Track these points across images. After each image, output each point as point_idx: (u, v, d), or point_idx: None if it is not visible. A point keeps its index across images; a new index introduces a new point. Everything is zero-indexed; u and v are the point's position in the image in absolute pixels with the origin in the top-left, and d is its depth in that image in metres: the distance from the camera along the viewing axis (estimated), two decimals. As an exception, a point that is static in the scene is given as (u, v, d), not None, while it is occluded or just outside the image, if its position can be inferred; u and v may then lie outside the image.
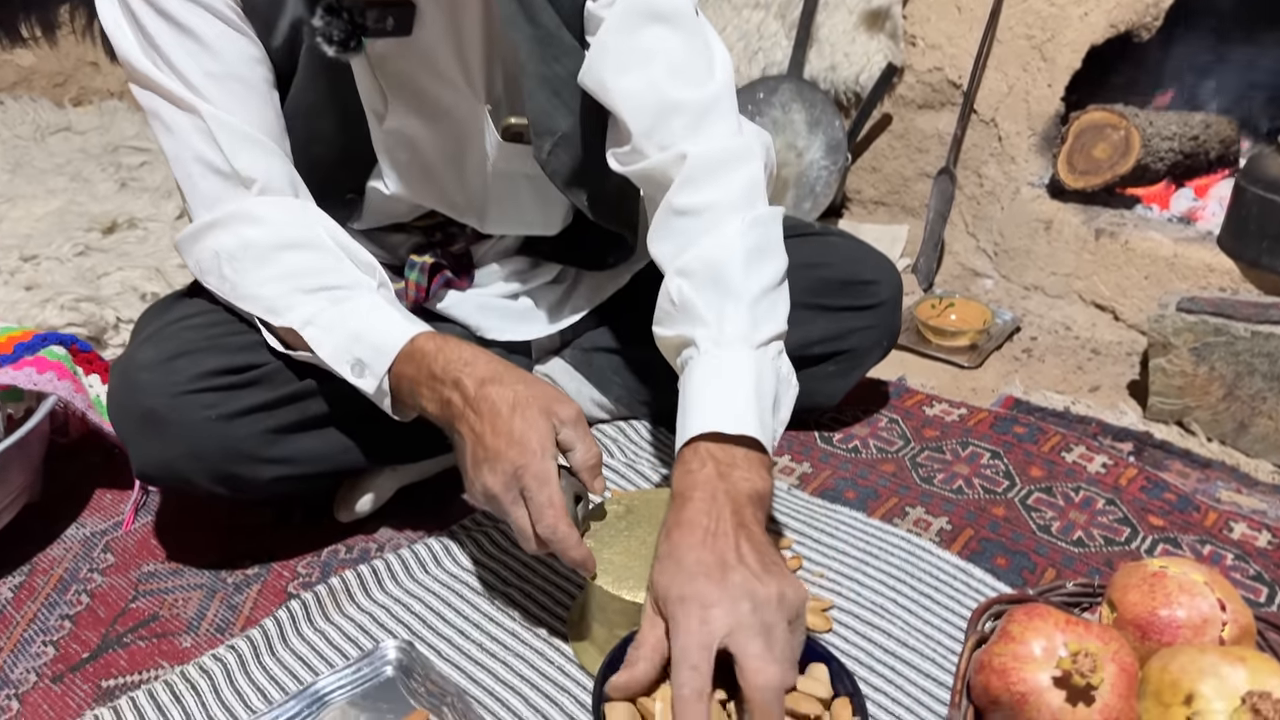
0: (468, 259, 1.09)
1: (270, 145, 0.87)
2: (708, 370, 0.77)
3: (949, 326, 1.45)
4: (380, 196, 0.98)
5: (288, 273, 0.85)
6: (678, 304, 0.81)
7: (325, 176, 0.93)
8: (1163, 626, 0.64)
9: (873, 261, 1.14)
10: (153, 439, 0.86)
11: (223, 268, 0.86)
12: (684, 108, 0.85)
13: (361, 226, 1.03)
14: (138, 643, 0.88)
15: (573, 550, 0.74)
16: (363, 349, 0.82)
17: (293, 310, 0.84)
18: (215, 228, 0.86)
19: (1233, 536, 1.00)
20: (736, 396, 0.75)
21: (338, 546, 0.99)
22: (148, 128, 2.25)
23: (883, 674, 0.81)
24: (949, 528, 1.00)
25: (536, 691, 0.80)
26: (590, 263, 1.12)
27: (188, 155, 0.85)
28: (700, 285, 0.80)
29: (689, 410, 0.76)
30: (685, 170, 0.83)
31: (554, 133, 0.91)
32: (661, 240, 0.86)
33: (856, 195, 1.95)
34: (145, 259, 1.61)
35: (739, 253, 0.80)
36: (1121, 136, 1.55)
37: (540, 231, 1.08)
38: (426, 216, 1.05)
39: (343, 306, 0.83)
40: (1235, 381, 1.19)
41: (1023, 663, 0.57)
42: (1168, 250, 1.46)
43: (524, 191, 1.00)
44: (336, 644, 0.85)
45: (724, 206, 0.82)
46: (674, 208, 0.84)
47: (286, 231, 0.86)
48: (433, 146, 0.95)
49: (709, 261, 0.80)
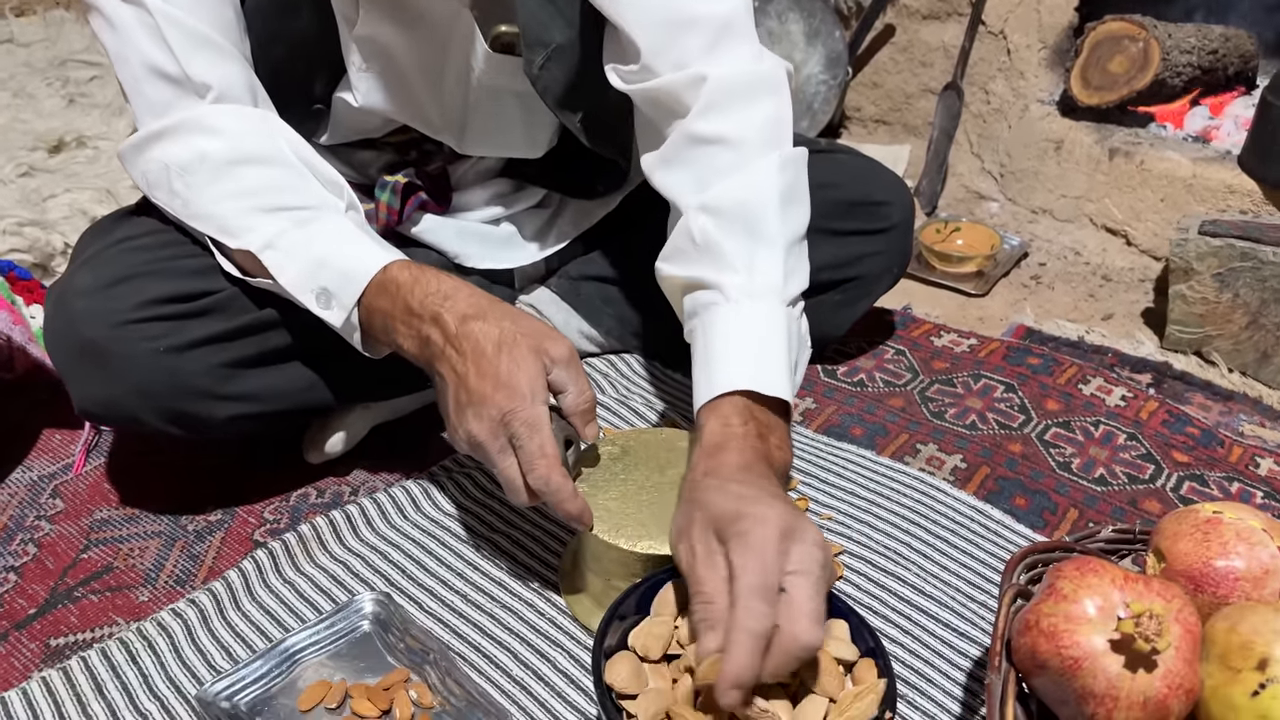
0: (445, 180, 1.00)
1: (227, 47, 0.77)
2: (742, 322, 0.72)
3: (955, 252, 1.38)
4: (348, 109, 0.89)
5: (245, 189, 0.76)
6: (700, 243, 0.75)
7: (289, 84, 0.84)
8: (1219, 578, 0.58)
9: (883, 181, 1.06)
10: (93, 373, 0.78)
11: (173, 182, 0.77)
12: (700, 23, 0.76)
13: (328, 142, 0.94)
14: (90, 597, 0.81)
15: (568, 503, 0.68)
16: (329, 276, 0.73)
17: (251, 231, 0.75)
18: (164, 137, 0.77)
19: (1259, 472, 0.94)
20: (773, 356, 0.71)
21: (308, 490, 0.92)
22: (95, 40, 2.12)
23: (899, 624, 0.76)
24: (963, 466, 0.94)
25: (527, 646, 0.74)
26: (578, 189, 1.04)
27: (133, 56, 0.75)
28: (730, 227, 0.74)
29: (724, 360, 0.71)
30: (705, 94, 0.76)
31: (547, 44, 0.81)
32: (675, 169, 0.79)
33: (856, 113, 1.85)
34: (95, 180, 1.50)
35: (774, 196, 0.75)
36: (1140, 48, 1.46)
37: (523, 154, 0.99)
38: (399, 132, 0.95)
39: (307, 229, 0.75)
40: (1260, 309, 1.12)
41: (1076, 624, 0.51)
42: (1186, 171, 1.38)
43: (509, 109, 0.91)
44: (308, 597, 0.79)
45: (753, 142, 0.76)
46: (693, 135, 0.77)
47: (244, 144, 0.76)
48: (408, 56, 0.86)
49: (741, 201, 0.75)
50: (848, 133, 1.86)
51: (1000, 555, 0.82)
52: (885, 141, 1.81)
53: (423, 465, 0.93)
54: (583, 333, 1.09)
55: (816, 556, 0.57)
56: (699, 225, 0.75)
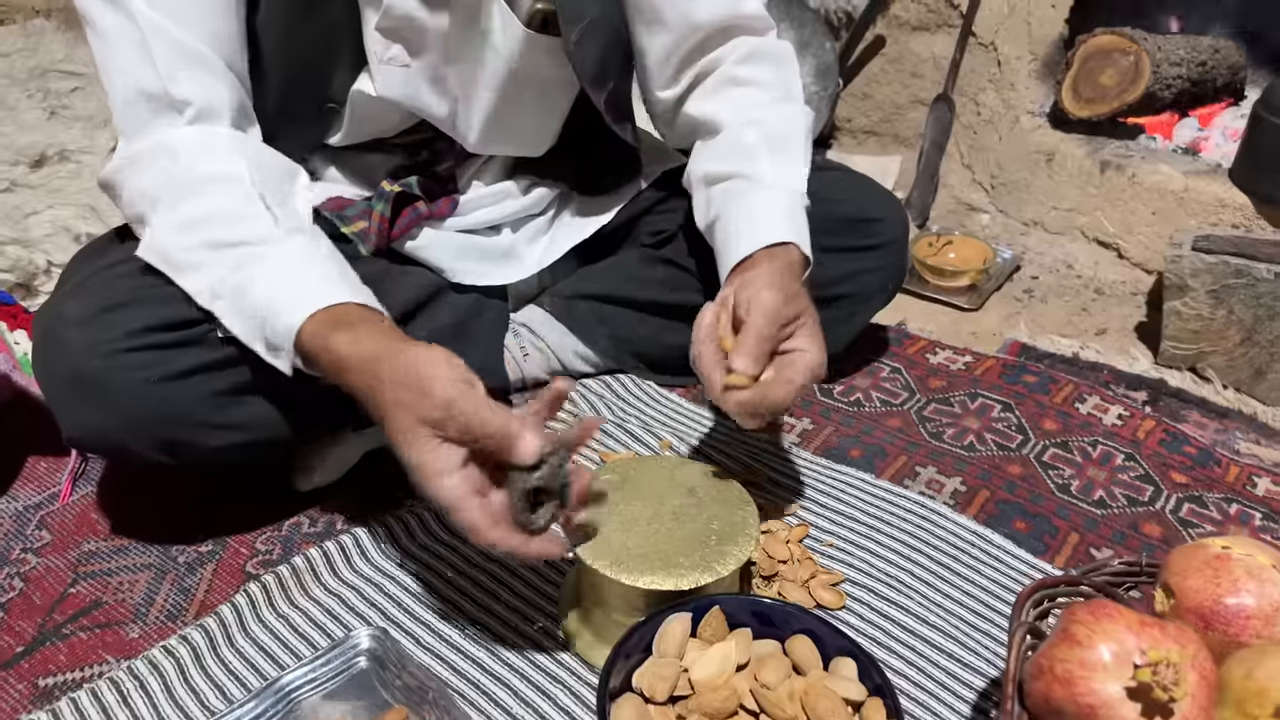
0: (453, 182, 0.98)
1: (215, 63, 0.75)
2: (777, 200, 0.85)
3: (948, 266, 1.37)
4: (366, 104, 0.87)
5: (196, 219, 0.73)
6: (745, 146, 0.88)
7: (307, 80, 0.83)
8: (1229, 616, 0.57)
9: (877, 197, 1.05)
10: (83, 404, 0.76)
11: (147, 214, 0.75)
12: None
13: (340, 142, 0.92)
14: (79, 634, 0.79)
15: (523, 556, 0.63)
16: (269, 328, 0.70)
17: (198, 272, 0.73)
18: (136, 164, 0.75)
19: (1257, 493, 0.94)
20: (803, 227, 0.84)
21: (300, 519, 0.90)
22: (79, 49, 2.08)
23: (903, 655, 0.75)
24: (963, 489, 0.93)
25: (527, 683, 0.73)
26: (587, 184, 1.04)
27: (115, 69, 0.74)
28: (770, 142, 0.88)
29: (767, 222, 0.82)
30: (744, 50, 0.90)
31: (582, 19, 0.84)
32: (717, 99, 0.91)
33: (846, 124, 1.84)
34: (78, 196, 1.47)
35: (803, 133, 0.91)
36: (1131, 62, 1.46)
37: (528, 152, 0.99)
38: (411, 132, 0.94)
39: (247, 270, 0.71)
40: (1254, 326, 1.12)
41: (1091, 671, 0.50)
42: (1178, 184, 1.39)
43: (527, 99, 0.92)
44: (303, 632, 0.77)
45: (787, 87, 0.92)
46: (733, 78, 0.91)
47: (199, 167, 0.74)
48: (435, 42, 0.84)
49: (780, 124, 0.89)
50: (838, 144, 1.86)
51: (1002, 582, 0.81)
52: (875, 153, 1.81)
53: (416, 492, 0.92)
54: (577, 353, 1.08)
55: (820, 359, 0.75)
56: (744, 135, 0.88)
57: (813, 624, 0.67)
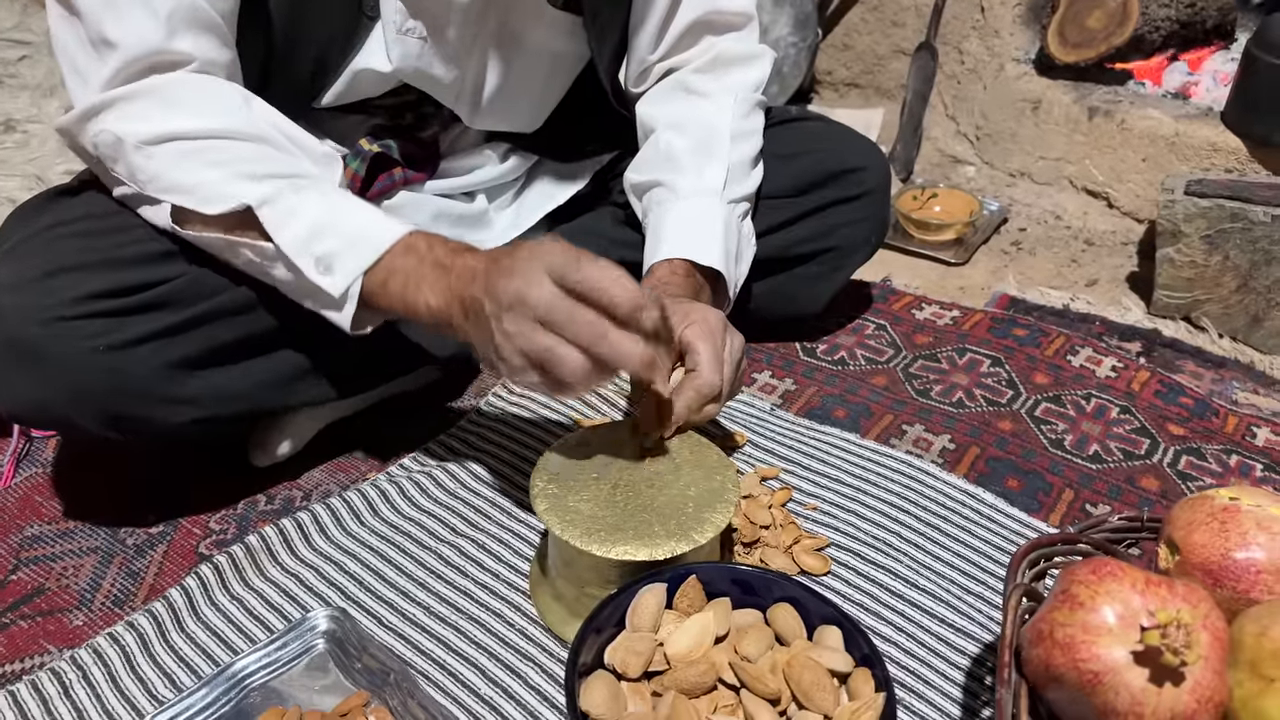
0: (435, 147, 0.93)
1: (218, 24, 0.72)
2: (685, 210, 0.86)
3: (933, 219, 1.33)
4: (372, 73, 0.82)
5: (228, 159, 0.70)
6: (663, 153, 0.89)
7: (306, 42, 0.79)
8: (1239, 571, 0.54)
9: (856, 147, 1.01)
10: (23, 375, 0.71)
11: (130, 155, 0.70)
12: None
13: (328, 104, 0.86)
14: (19, 623, 0.74)
15: (647, 366, 0.63)
16: (331, 242, 0.68)
17: (239, 196, 0.69)
18: (123, 105, 0.70)
19: (1257, 443, 0.91)
20: (708, 235, 0.84)
21: (256, 497, 0.86)
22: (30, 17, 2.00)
23: (892, 621, 0.71)
24: (952, 447, 0.89)
25: (496, 662, 0.68)
26: (564, 153, 1.01)
27: (93, 18, 0.68)
28: (689, 141, 0.89)
29: (667, 237, 0.84)
30: (710, 55, 0.92)
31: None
32: (661, 105, 0.93)
33: (827, 76, 1.79)
34: (25, 166, 1.41)
35: (728, 126, 0.89)
36: (1118, 3, 1.41)
37: (521, 128, 0.96)
38: (396, 94, 0.88)
39: (302, 195, 0.70)
40: (1250, 271, 1.08)
41: (1094, 635, 0.46)
42: (1168, 129, 1.34)
43: (534, 78, 0.91)
44: (258, 614, 0.73)
45: (728, 92, 0.91)
46: (686, 86, 0.93)
47: (225, 121, 0.71)
48: (457, 14, 0.80)
49: (702, 124, 0.89)
50: (819, 97, 1.80)
51: (994, 542, 0.78)
52: (858, 105, 1.75)
53: (379, 465, 0.87)
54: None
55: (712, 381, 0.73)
56: (665, 140, 0.89)
57: (796, 591, 0.63)
